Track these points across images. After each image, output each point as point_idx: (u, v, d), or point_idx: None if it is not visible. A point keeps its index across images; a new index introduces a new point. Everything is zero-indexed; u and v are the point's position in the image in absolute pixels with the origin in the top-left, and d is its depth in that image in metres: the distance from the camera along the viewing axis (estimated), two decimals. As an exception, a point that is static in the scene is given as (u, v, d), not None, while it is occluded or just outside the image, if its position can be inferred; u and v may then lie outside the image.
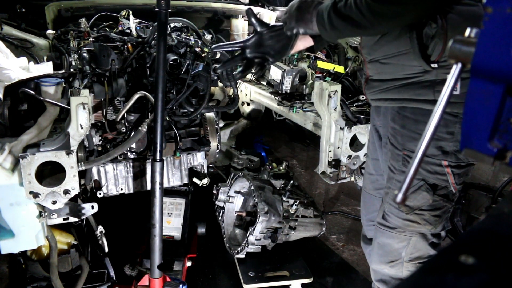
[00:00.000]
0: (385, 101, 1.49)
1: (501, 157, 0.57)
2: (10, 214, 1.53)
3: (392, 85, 1.43)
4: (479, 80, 0.57)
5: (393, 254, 1.53)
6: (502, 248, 0.44)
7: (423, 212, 1.44)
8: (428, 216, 1.44)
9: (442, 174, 1.39)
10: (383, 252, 1.55)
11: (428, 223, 1.45)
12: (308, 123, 2.36)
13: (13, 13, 2.34)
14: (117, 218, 2.60)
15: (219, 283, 2.37)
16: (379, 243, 1.56)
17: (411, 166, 0.66)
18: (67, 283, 1.87)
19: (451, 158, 1.37)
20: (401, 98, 1.42)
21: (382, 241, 1.54)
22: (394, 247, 1.51)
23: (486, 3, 0.55)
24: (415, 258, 1.50)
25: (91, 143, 1.79)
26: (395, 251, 1.51)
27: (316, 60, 2.34)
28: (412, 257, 1.51)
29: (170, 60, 1.89)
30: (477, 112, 0.58)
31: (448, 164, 1.38)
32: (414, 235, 1.48)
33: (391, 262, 1.54)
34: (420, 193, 1.42)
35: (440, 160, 1.38)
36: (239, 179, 2.49)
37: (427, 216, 1.44)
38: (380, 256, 1.57)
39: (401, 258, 1.51)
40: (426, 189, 1.41)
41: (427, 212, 1.44)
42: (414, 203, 1.43)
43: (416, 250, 1.49)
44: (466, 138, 0.60)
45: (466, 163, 1.39)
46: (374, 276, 1.66)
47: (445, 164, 1.38)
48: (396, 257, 1.52)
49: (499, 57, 0.54)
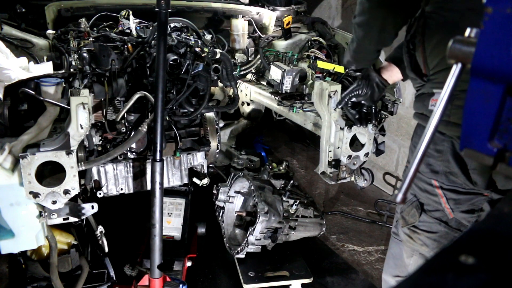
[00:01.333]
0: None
1: (501, 157, 0.57)
2: (10, 214, 1.53)
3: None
4: (479, 80, 0.57)
5: (400, 269, 1.51)
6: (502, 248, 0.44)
7: (418, 231, 1.41)
8: (423, 237, 1.40)
9: (433, 194, 1.34)
10: (393, 264, 1.56)
11: (424, 244, 1.41)
12: (308, 123, 2.36)
13: (13, 13, 2.34)
14: (117, 218, 2.60)
15: (219, 283, 2.37)
16: (392, 254, 1.56)
17: (411, 166, 0.66)
18: (67, 283, 1.87)
19: (441, 179, 1.31)
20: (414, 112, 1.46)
21: (394, 251, 1.54)
22: (404, 262, 1.49)
23: (486, 3, 0.55)
24: None
25: (91, 143, 1.79)
26: (403, 266, 1.50)
27: (316, 60, 2.34)
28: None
29: (170, 60, 1.89)
30: (477, 112, 0.58)
31: (439, 186, 1.32)
32: (415, 253, 1.45)
33: (397, 277, 1.53)
34: (411, 209, 1.40)
35: (430, 179, 1.33)
36: (239, 179, 2.49)
37: (422, 236, 1.40)
38: (390, 267, 1.58)
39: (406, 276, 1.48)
40: (416, 206, 1.38)
41: (422, 232, 1.40)
42: (408, 218, 1.41)
43: None
44: (466, 138, 0.60)
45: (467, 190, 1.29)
46: (383, 285, 1.66)
47: (436, 184, 1.32)
48: (402, 272, 1.51)
49: (499, 57, 0.54)
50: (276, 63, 2.48)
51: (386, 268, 1.62)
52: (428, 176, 1.33)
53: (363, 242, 2.84)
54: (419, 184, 1.36)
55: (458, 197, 1.30)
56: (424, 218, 1.38)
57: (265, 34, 2.90)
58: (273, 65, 2.46)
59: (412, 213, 1.39)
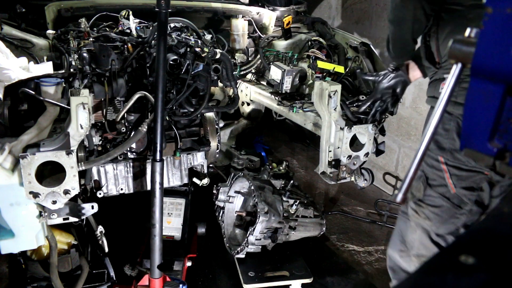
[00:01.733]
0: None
1: (501, 157, 0.57)
2: (10, 214, 1.53)
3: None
4: (479, 80, 0.57)
5: (404, 244, 1.65)
6: (502, 248, 0.44)
7: (422, 204, 1.55)
8: (427, 211, 1.53)
9: (438, 170, 1.48)
10: (398, 240, 1.68)
11: (427, 218, 1.54)
12: (308, 123, 2.36)
13: (13, 13, 2.34)
14: (117, 218, 2.60)
15: (219, 283, 2.37)
16: (398, 231, 1.69)
17: (411, 166, 0.66)
18: (67, 283, 1.87)
19: (447, 156, 1.45)
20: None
21: (401, 228, 1.67)
22: (408, 238, 1.63)
23: (486, 3, 0.55)
24: (421, 255, 1.59)
25: (91, 143, 1.79)
26: (407, 242, 1.63)
27: (316, 60, 2.34)
28: (418, 253, 1.60)
29: (170, 60, 1.89)
30: (477, 112, 0.58)
31: (444, 162, 1.46)
32: (419, 228, 1.58)
33: (401, 252, 1.66)
34: (419, 183, 1.54)
35: (437, 155, 1.47)
36: (239, 179, 2.49)
37: (426, 210, 1.53)
38: (395, 244, 1.70)
39: (409, 250, 1.62)
40: (423, 181, 1.53)
41: (427, 207, 1.54)
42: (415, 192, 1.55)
43: (423, 247, 1.58)
44: (466, 138, 0.60)
45: (469, 168, 1.43)
46: (388, 261, 1.78)
47: (441, 160, 1.46)
48: (406, 248, 1.64)
49: (499, 57, 0.54)
50: (276, 63, 2.48)
51: (391, 244, 1.73)
52: (435, 152, 1.46)
53: (363, 242, 2.84)
54: (427, 160, 1.50)
55: (461, 173, 1.44)
56: (429, 192, 1.51)
57: (265, 34, 2.90)
58: (273, 65, 2.46)
59: (418, 187, 1.53)
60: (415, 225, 1.58)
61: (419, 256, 1.60)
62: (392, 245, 1.72)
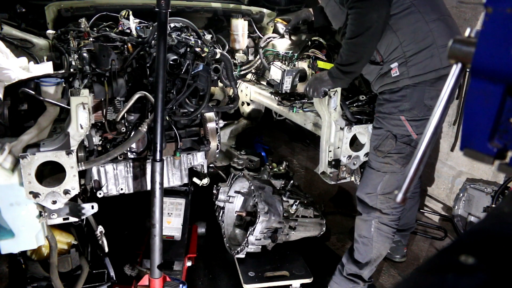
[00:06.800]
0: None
1: (501, 157, 0.57)
2: (10, 214, 1.53)
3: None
4: (479, 80, 0.57)
5: (371, 187, 2.00)
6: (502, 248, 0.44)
7: (392, 155, 1.91)
8: (396, 158, 1.91)
9: (402, 126, 1.86)
10: (365, 184, 2.03)
11: (397, 163, 1.92)
12: (308, 123, 2.36)
13: (13, 13, 2.34)
14: (117, 218, 2.60)
15: (219, 283, 2.37)
16: (365, 177, 2.04)
17: (411, 167, 0.66)
18: (67, 283, 1.87)
19: (407, 114, 1.84)
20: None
21: (366, 176, 2.03)
22: (374, 182, 1.99)
23: (486, 3, 0.55)
24: (386, 193, 1.96)
25: (91, 143, 1.79)
26: (373, 185, 1.99)
27: (316, 60, 2.34)
28: (384, 191, 1.96)
29: (170, 60, 1.89)
30: (477, 112, 0.58)
31: (405, 119, 1.84)
32: (388, 173, 1.94)
33: (369, 194, 2.01)
34: (387, 141, 1.90)
35: (399, 116, 1.85)
36: (239, 179, 2.49)
37: (395, 157, 1.91)
38: (363, 187, 2.04)
39: (376, 192, 1.98)
40: (391, 137, 1.89)
41: (395, 155, 1.91)
42: (384, 148, 1.91)
43: (388, 186, 1.95)
44: (466, 138, 0.60)
45: (421, 117, 1.83)
46: (357, 202, 2.09)
47: (403, 118, 1.85)
48: (372, 190, 1.99)
49: (499, 57, 0.54)
50: (276, 63, 2.48)
51: (360, 188, 2.07)
52: (397, 114, 1.86)
53: (363, 242, 2.83)
54: (391, 122, 1.88)
55: (417, 123, 1.84)
56: (397, 144, 1.89)
57: (265, 34, 2.90)
58: (273, 65, 2.46)
59: (388, 143, 1.90)
60: (382, 173, 1.95)
61: (384, 194, 1.96)
62: (361, 189, 2.05)
